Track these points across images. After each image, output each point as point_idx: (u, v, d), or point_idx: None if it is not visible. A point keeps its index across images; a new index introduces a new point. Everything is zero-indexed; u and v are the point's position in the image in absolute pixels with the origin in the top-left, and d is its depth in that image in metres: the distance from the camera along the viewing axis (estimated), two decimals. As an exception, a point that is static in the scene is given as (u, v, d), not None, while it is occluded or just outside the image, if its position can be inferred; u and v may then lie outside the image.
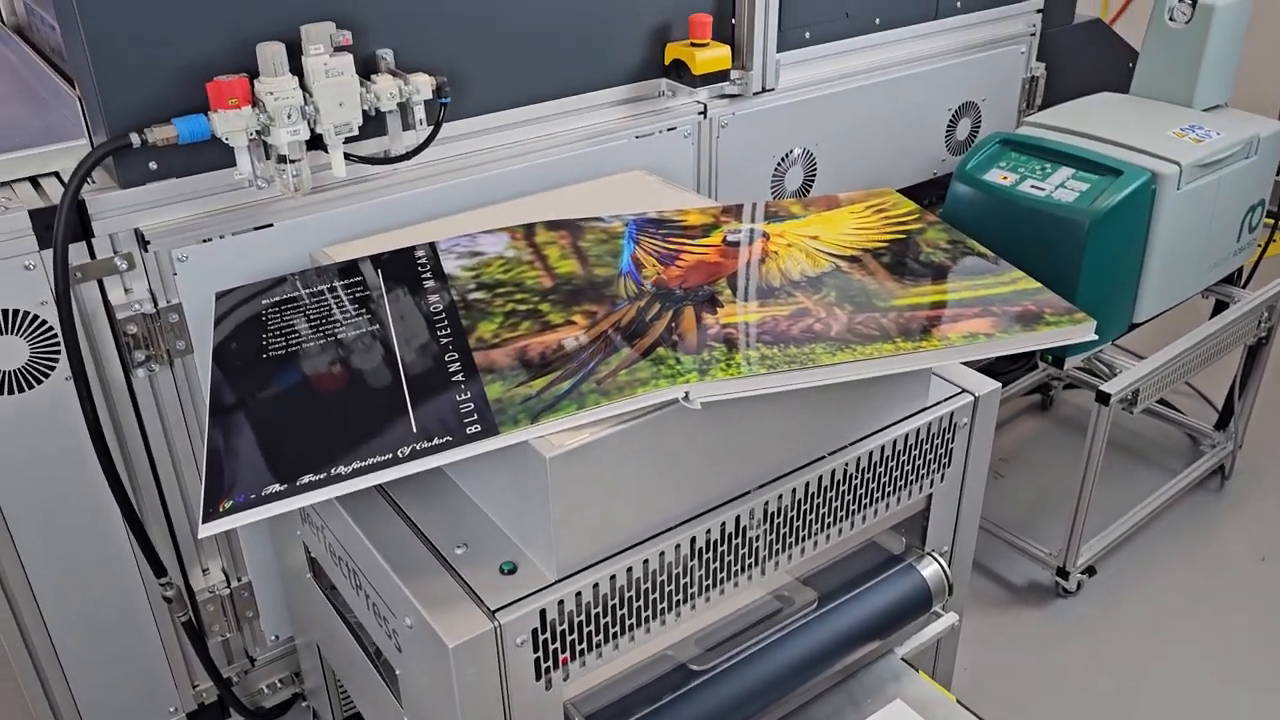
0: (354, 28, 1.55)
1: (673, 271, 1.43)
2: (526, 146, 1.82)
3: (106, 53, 1.41)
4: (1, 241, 1.40)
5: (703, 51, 1.88)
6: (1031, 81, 2.60)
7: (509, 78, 1.78)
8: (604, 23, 1.85)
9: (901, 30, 2.28)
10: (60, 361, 1.49)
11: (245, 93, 1.45)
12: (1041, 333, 1.27)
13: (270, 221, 1.60)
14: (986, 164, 2.18)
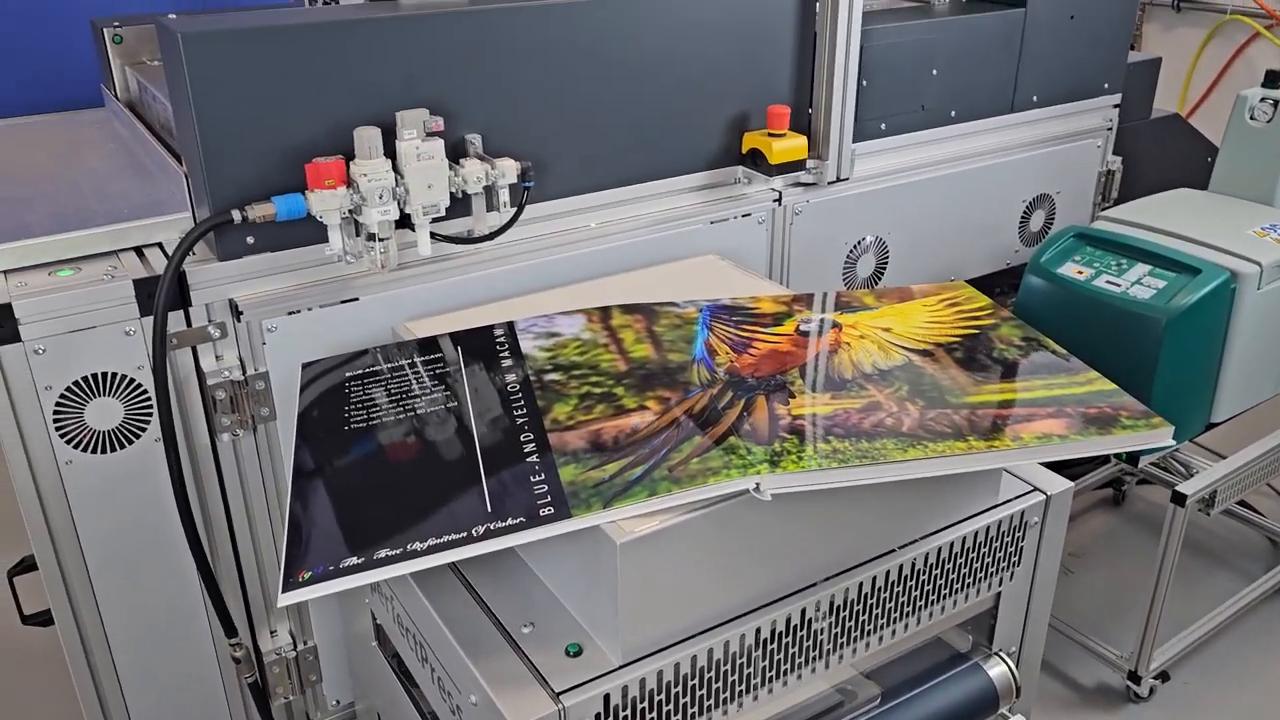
0: (446, 114, 1.62)
1: (745, 360, 1.45)
2: (605, 229, 1.87)
3: (215, 135, 1.49)
4: (107, 308, 1.47)
5: (780, 142, 1.92)
6: (1108, 175, 2.60)
7: (591, 163, 1.83)
8: (685, 112, 1.90)
9: (977, 123, 2.31)
10: (151, 423, 1.55)
11: (341, 174, 1.52)
12: (1117, 437, 1.26)
13: (356, 295, 1.65)
14: (1061, 258, 2.17)
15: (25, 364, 1.44)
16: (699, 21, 1.85)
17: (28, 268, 1.52)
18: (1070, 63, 2.40)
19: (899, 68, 2.12)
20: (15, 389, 1.44)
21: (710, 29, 1.86)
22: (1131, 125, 2.64)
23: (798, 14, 1.95)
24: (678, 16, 1.82)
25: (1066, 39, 2.36)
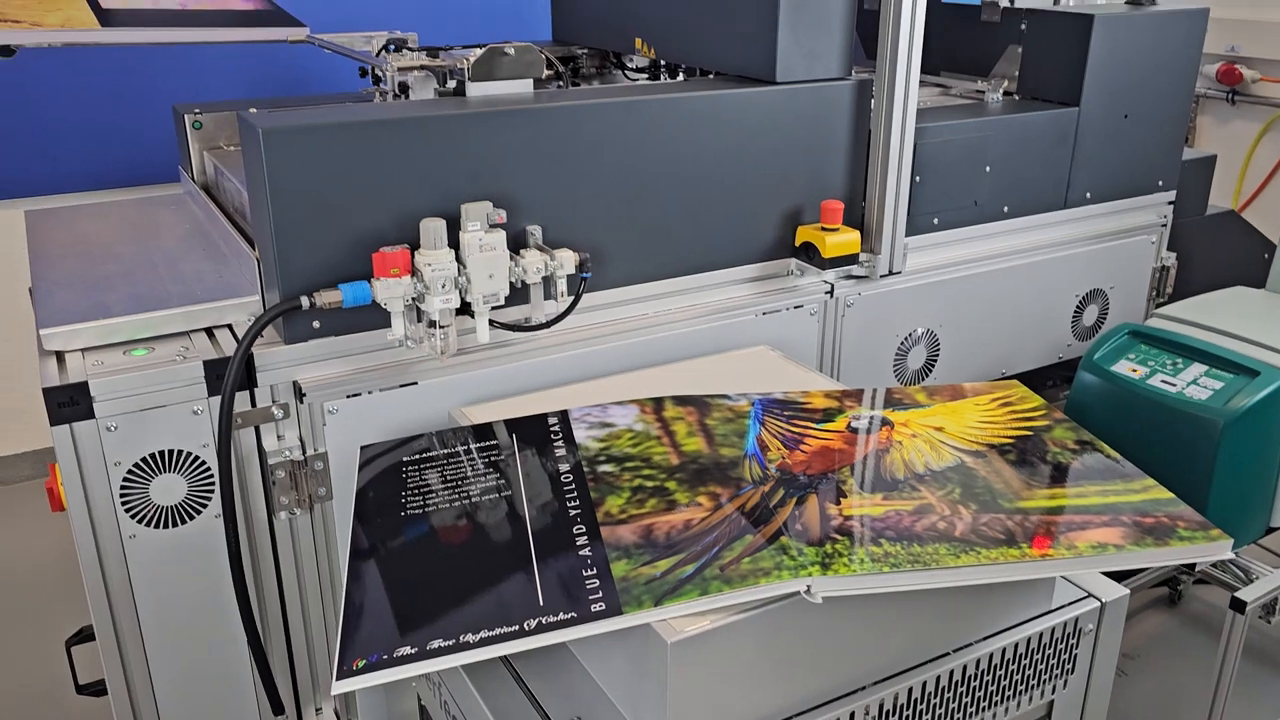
0: (508, 206, 1.68)
1: (797, 456, 1.46)
2: (659, 319, 1.90)
3: (288, 223, 1.55)
4: (177, 388, 1.52)
5: (833, 236, 1.95)
6: (1162, 271, 2.59)
7: (647, 254, 1.87)
8: (740, 206, 1.94)
9: (1030, 218, 2.32)
10: (213, 500, 1.59)
11: (406, 263, 1.57)
12: (1174, 548, 1.25)
13: (415, 380, 1.69)
14: (1115, 355, 2.17)
15: (98, 440, 1.49)
16: (756, 118, 1.89)
17: (105, 346, 1.58)
18: (1124, 160, 2.42)
19: (952, 164, 2.15)
20: (86, 465, 1.49)
21: (767, 125, 1.91)
22: (1186, 221, 2.64)
23: (853, 111, 2.00)
24: (735, 113, 1.87)
25: (1120, 137, 2.38)
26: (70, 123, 2.88)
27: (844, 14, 1.93)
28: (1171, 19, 2.35)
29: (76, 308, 1.63)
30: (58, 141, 2.87)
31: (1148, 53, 2.34)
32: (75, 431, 1.48)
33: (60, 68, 2.83)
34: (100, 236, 2.01)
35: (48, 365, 1.54)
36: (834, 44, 1.93)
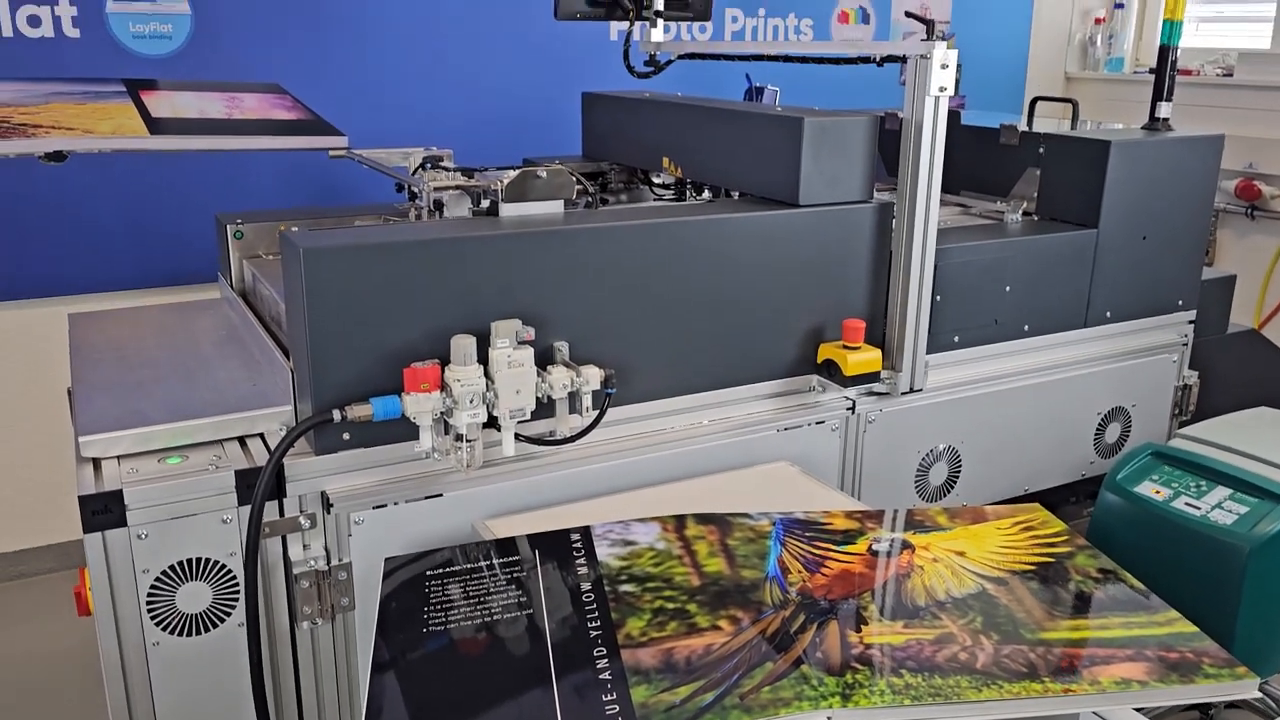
0: (536, 323, 1.72)
1: (818, 580, 1.46)
2: (682, 434, 1.92)
3: (323, 338, 1.59)
4: (208, 497, 1.55)
5: (855, 354, 1.98)
6: (1184, 390, 2.60)
7: (671, 370, 1.91)
8: (762, 324, 1.98)
9: (1050, 337, 2.35)
10: (237, 609, 1.60)
11: (436, 379, 1.61)
12: (1200, 686, 1.24)
13: (440, 491, 1.72)
14: (1138, 476, 2.16)
15: (128, 548, 1.52)
16: (779, 240, 1.94)
17: (141, 454, 1.62)
18: (1143, 280, 2.45)
19: (973, 284, 2.19)
20: (116, 572, 1.51)
21: (790, 247, 1.96)
22: (1208, 340, 2.66)
23: (874, 233, 2.04)
24: (759, 235, 1.92)
25: (1139, 257, 2.41)
26: (116, 225, 2.98)
27: (865, 141, 1.99)
28: (1187, 144, 2.41)
29: (114, 414, 1.68)
30: (103, 242, 2.97)
31: (1165, 177, 2.38)
32: (107, 539, 1.51)
33: (109, 172, 2.94)
34: (139, 341, 2.06)
35: (84, 472, 1.57)
36: (855, 169, 1.99)
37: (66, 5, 2.81)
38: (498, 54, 3.31)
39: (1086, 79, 4.69)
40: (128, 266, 3.03)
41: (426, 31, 3.21)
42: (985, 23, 4.32)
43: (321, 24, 3.09)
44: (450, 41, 3.24)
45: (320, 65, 3.11)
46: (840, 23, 3.97)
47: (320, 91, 3.13)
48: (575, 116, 2.75)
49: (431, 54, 3.23)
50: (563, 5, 2.31)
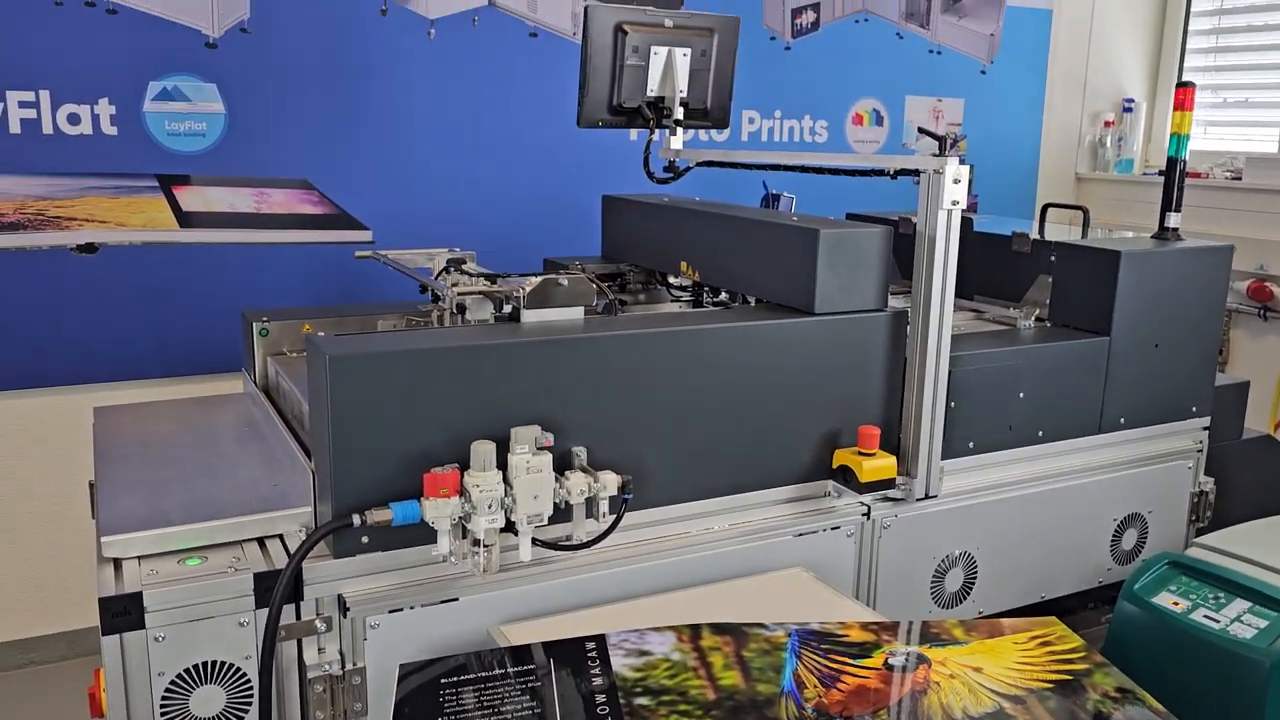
0: (555, 428, 1.74)
1: (834, 695, 1.45)
2: (697, 539, 1.93)
3: (345, 443, 1.62)
4: (226, 600, 1.56)
5: (870, 461, 1.99)
6: (1200, 496, 2.59)
7: (687, 475, 1.92)
8: (778, 430, 1.99)
9: (1065, 443, 2.35)
10: (250, 713, 1.60)
11: (455, 484, 1.63)
12: (1222, 818, 1.22)
13: (456, 596, 1.72)
14: (1156, 586, 2.15)
15: (144, 650, 1.52)
16: (795, 347, 1.97)
17: (161, 555, 1.63)
18: (1157, 387, 2.46)
19: (987, 390, 2.21)
20: (131, 675, 1.52)
21: (805, 353, 1.99)
22: (1223, 446, 2.66)
23: (889, 340, 2.07)
24: (775, 343, 1.95)
25: (1152, 365, 2.43)
26: (142, 315, 3.03)
27: (879, 252, 2.03)
28: (1197, 254, 2.44)
29: (136, 514, 1.70)
30: (129, 332, 3.02)
31: (1175, 285, 2.42)
32: (125, 641, 1.51)
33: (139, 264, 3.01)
34: (163, 436, 2.09)
35: (105, 572, 1.59)
36: (870, 279, 2.03)
37: (105, 104, 2.91)
38: (520, 155, 3.40)
39: (1097, 179, 4.77)
40: (153, 356, 3.08)
41: (452, 132, 3.30)
42: (997, 123, 4.42)
43: (351, 123, 3.18)
44: (475, 142, 3.34)
45: (348, 162, 3.20)
46: (855, 124, 4.06)
47: (348, 187, 3.22)
48: (595, 217, 2.81)
49: (457, 153, 3.32)
50: (585, 114, 2.38)
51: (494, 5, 3.33)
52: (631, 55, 2.35)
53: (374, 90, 3.21)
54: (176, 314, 3.07)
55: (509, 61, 3.36)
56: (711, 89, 2.48)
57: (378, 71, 3.20)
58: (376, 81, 3.20)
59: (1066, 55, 4.58)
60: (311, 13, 3.08)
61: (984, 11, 4.26)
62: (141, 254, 3.03)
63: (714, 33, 2.44)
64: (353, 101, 3.18)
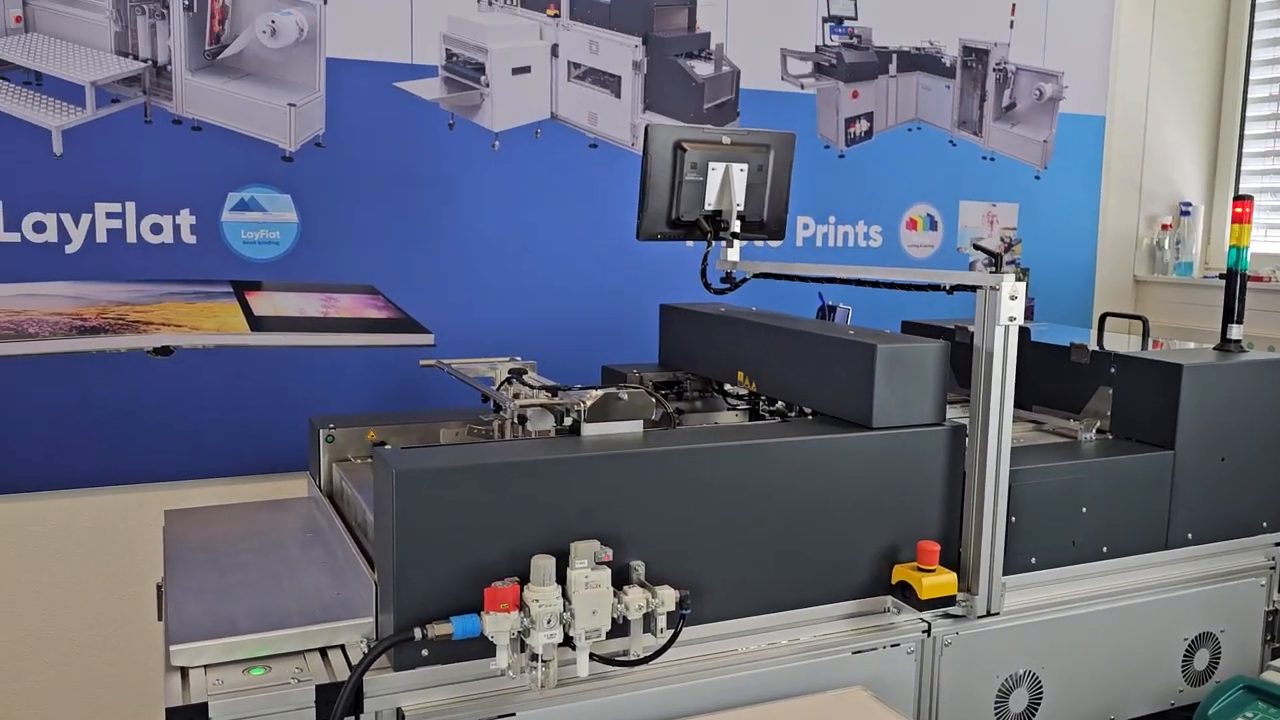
0: (615, 543, 1.76)
1: (896, 828, 1.42)
2: (755, 655, 1.92)
3: (410, 556, 1.65)
4: (288, 712, 1.58)
5: (930, 577, 1.97)
6: (1274, 615, 2.51)
7: (744, 590, 1.92)
8: (836, 545, 1.99)
9: (1130, 559, 2.31)
10: (306, 829, 1.60)
11: (515, 599, 1.64)
12: None
13: (513, 711, 1.72)
14: (1230, 712, 2.08)
15: (207, 763, 1.54)
16: (853, 462, 1.98)
17: (227, 664, 1.66)
18: (1225, 502, 2.41)
19: (1048, 505, 2.18)
20: (194, 787, 1.53)
21: (863, 468, 1.99)
22: (1296, 562, 2.58)
23: (947, 454, 2.07)
24: (833, 457, 1.96)
25: (1219, 480, 2.39)
26: (213, 416, 3.12)
27: (936, 367, 2.04)
28: (1262, 367, 2.42)
29: (204, 622, 1.73)
30: (200, 432, 3.11)
31: (1240, 399, 2.39)
32: (189, 753, 1.54)
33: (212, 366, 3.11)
34: (230, 541, 2.14)
35: (172, 682, 1.62)
36: (927, 393, 2.04)
37: (186, 214, 3.05)
38: (580, 262, 3.48)
39: (1156, 282, 4.74)
40: (221, 455, 3.15)
41: (514, 240, 3.40)
42: (1052, 227, 4.43)
43: (416, 231, 3.29)
44: (536, 250, 3.43)
45: (413, 269, 3.30)
46: (909, 229, 4.10)
47: (412, 293, 3.31)
48: (653, 324, 2.86)
49: (518, 260, 3.40)
50: (644, 227, 2.44)
51: (556, 118, 3.46)
52: (690, 171, 2.42)
53: (439, 199, 3.33)
54: (245, 415, 3.16)
55: (569, 171, 3.46)
56: (768, 202, 2.55)
57: (443, 182, 3.32)
58: (442, 191, 3.32)
59: (1121, 160, 4.61)
60: (383, 127, 3.22)
61: (1037, 119, 4.31)
62: (214, 356, 3.13)
63: (770, 148, 2.51)
64: (419, 210, 3.30)
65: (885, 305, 3.34)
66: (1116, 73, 4.51)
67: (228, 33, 3.04)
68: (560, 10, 3.41)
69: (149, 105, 2.97)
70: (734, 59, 3.69)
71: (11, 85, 2.81)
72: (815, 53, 3.83)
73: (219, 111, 3.04)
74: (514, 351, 3.01)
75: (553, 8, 3.40)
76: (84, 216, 2.92)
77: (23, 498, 2.98)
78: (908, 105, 4.05)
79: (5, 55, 2.80)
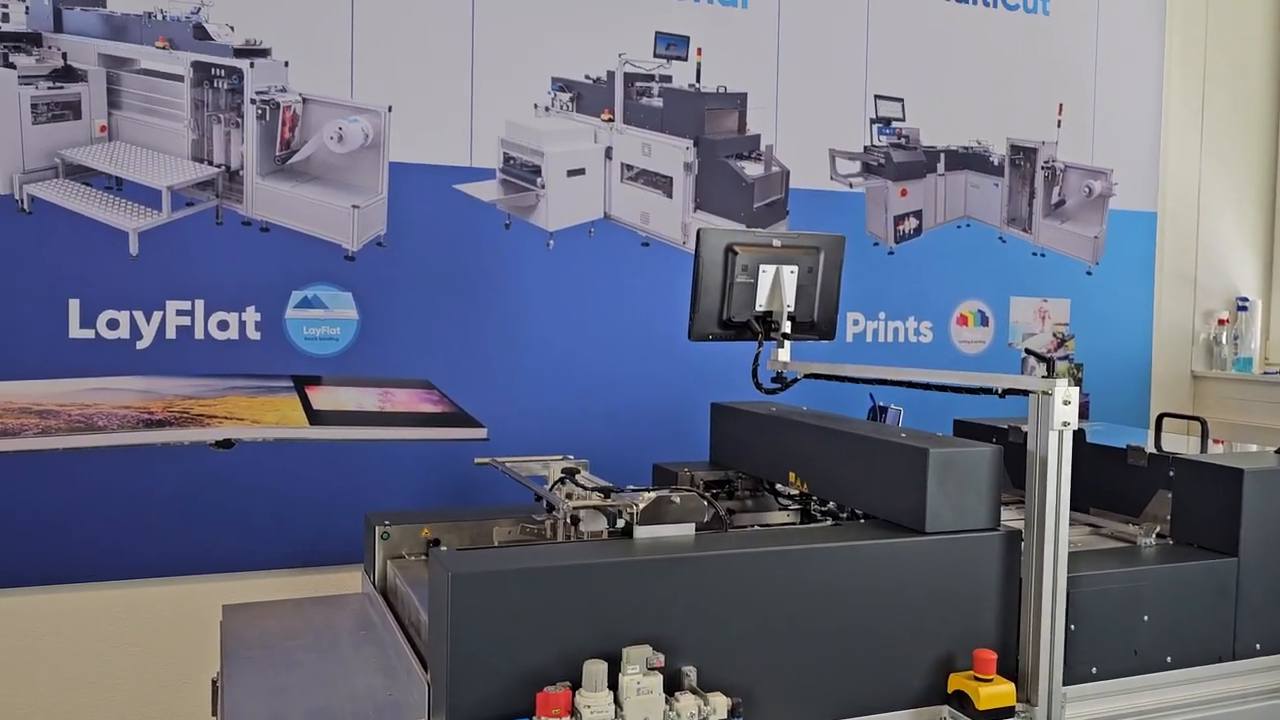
0: (666, 647, 1.75)
1: None
2: (807, 766, 1.89)
3: (463, 659, 1.66)
4: (340, 817, 1.58)
5: (987, 687, 1.94)
6: (1351, 731, 2.41)
7: (798, 697, 1.89)
8: (890, 652, 1.96)
9: (1196, 670, 2.24)
10: None
11: (567, 705, 1.65)
12: None
13: (563, 812, 1.71)
14: (1307, 836, 1.99)
15: None
16: (906, 567, 1.96)
17: (280, 767, 1.68)
18: (1293, 611, 2.34)
19: (1109, 613, 2.14)
20: None
21: (917, 574, 1.97)
22: (1372, 673, 2.48)
23: (1003, 560, 2.04)
24: (886, 562, 1.95)
25: (1286, 587, 2.33)
26: (269, 508, 3.18)
27: (991, 471, 2.03)
28: (1327, 471, 2.37)
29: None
30: (256, 525, 3.17)
31: (1306, 504, 2.33)
32: None
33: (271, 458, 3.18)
34: (285, 637, 2.17)
35: (227, 783, 1.63)
36: (982, 498, 2.03)
37: (252, 311, 3.15)
38: (632, 359, 3.53)
39: (1214, 378, 4.67)
40: (277, 547, 3.20)
41: (567, 336, 3.46)
42: (1105, 322, 4.40)
43: (472, 327, 3.37)
44: (588, 347, 3.48)
45: (468, 364, 3.37)
46: (959, 325, 4.11)
47: (467, 388, 3.37)
48: (704, 421, 2.88)
49: (571, 358, 3.46)
50: (696, 328, 2.48)
51: (609, 217, 3.54)
52: (741, 274, 2.47)
53: (495, 296, 3.41)
54: (302, 507, 3.21)
55: (622, 269, 3.54)
56: (818, 303, 2.58)
57: (499, 279, 3.40)
58: (497, 288, 3.40)
59: (1174, 254, 4.59)
60: (442, 227, 3.32)
61: (1087, 215, 4.33)
62: (273, 449, 3.20)
63: (820, 251, 2.56)
64: (475, 307, 3.38)
65: (937, 404, 3.32)
66: (1166, 168, 4.53)
67: (297, 139, 3.18)
68: (614, 115, 3.52)
69: (220, 208, 3.11)
70: (783, 159, 3.77)
71: (94, 190, 2.96)
72: (863, 153, 3.90)
73: (286, 213, 3.17)
74: (566, 446, 3.04)
75: (607, 112, 3.51)
76: (155, 314, 3.03)
77: (84, 587, 3.05)
78: (956, 203, 4.09)
79: (90, 162, 2.95)
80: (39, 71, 2.89)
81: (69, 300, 2.94)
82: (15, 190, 2.88)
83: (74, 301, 2.94)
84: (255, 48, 3.10)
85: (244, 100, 3.09)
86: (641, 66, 3.55)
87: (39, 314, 2.91)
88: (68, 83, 2.92)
